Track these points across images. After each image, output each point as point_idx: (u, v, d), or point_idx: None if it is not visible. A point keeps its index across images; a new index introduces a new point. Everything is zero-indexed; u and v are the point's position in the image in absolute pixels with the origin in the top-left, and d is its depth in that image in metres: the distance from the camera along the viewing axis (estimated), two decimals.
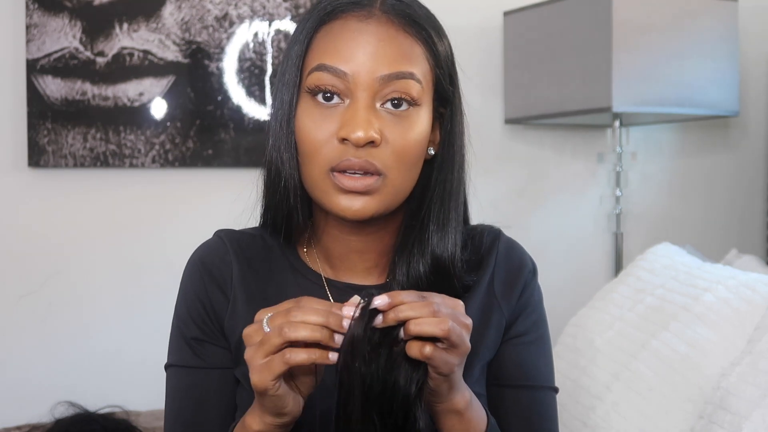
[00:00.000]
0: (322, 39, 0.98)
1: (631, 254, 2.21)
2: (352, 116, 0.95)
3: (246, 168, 2.07)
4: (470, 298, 1.06)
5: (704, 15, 2.08)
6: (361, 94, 0.96)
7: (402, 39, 0.98)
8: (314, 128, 0.97)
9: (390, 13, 0.98)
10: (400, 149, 0.97)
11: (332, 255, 1.07)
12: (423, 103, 0.99)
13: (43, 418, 1.87)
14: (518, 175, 2.34)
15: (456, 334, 0.84)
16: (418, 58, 0.98)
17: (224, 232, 1.11)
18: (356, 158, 0.95)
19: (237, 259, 1.07)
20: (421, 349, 0.83)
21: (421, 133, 0.99)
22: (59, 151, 1.97)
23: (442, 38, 1.02)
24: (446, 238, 1.03)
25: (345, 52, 0.96)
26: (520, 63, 2.22)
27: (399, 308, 0.84)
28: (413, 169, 1.00)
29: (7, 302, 1.98)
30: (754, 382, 1.31)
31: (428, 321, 0.83)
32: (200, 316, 1.06)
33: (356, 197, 0.97)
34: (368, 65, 0.96)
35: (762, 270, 1.76)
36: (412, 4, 1.01)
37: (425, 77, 0.99)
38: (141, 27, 2.01)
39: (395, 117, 0.97)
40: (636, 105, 2.00)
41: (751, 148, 2.53)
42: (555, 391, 1.11)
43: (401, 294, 0.85)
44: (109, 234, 2.04)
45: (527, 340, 1.09)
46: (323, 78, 0.96)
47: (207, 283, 1.06)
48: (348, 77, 0.96)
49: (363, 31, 0.97)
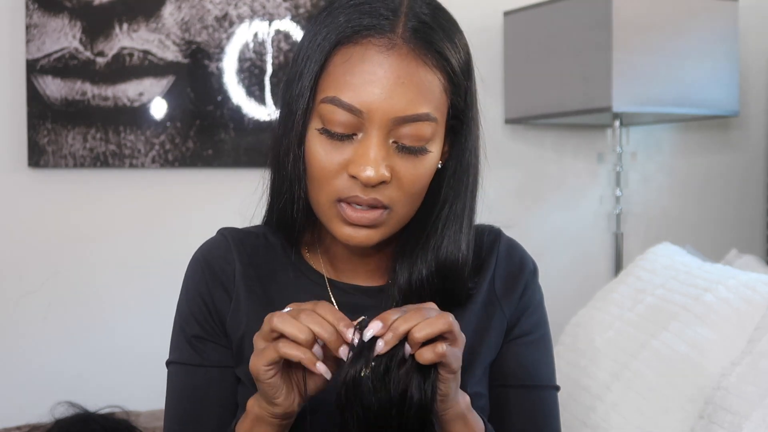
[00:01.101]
0: (339, 65, 0.94)
1: (631, 254, 2.21)
2: (363, 154, 0.92)
3: (246, 168, 2.07)
4: (471, 301, 1.06)
5: (704, 15, 2.08)
6: (374, 132, 0.93)
7: (422, 74, 0.93)
8: (324, 158, 0.95)
9: (411, 41, 0.93)
10: (409, 185, 0.96)
11: (335, 257, 1.07)
12: (435, 137, 0.97)
13: (43, 418, 1.87)
14: (518, 175, 2.35)
15: (455, 324, 0.86)
16: (434, 93, 0.95)
17: (227, 230, 1.11)
18: (364, 195, 0.94)
19: (239, 257, 1.07)
20: (435, 350, 0.84)
21: (431, 167, 0.98)
22: (59, 152, 1.97)
23: (460, 51, 0.98)
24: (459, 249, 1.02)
25: (361, 88, 0.92)
26: (520, 63, 2.22)
27: (393, 326, 0.84)
28: (419, 198, 0.99)
29: (7, 302, 1.98)
30: (754, 382, 1.31)
31: (429, 322, 0.84)
32: (202, 314, 1.06)
33: (360, 229, 0.96)
34: (384, 105, 0.92)
35: (762, 270, 1.76)
36: (434, 24, 0.96)
37: (440, 110, 0.96)
38: (141, 27, 2.01)
39: (406, 154, 0.95)
40: (636, 105, 2.00)
41: (751, 148, 2.53)
42: (557, 390, 1.11)
43: (388, 314, 0.86)
44: (109, 234, 2.04)
45: (529, 340, 1.09)
46: (336, 113, 0.93)
47: (209, 281, 1.06)
48: (363, 115, 0.92)
49: (382, 65, 0.92)
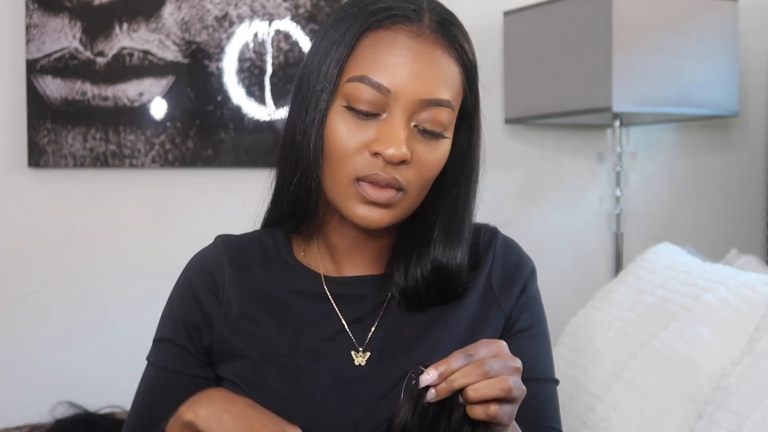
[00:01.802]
0: (369, 47, 0.97)
1: (631, 254, 2.21)
2: (388, 132, 0.96)
3: (246, 168, 2.07)
4: (467, 296, 1.07)
5: (704, 15, 2.08)
6: (399, 112, 0.96)
7: (446, 62, 0.98)
8: (346, 136, 0.97)
9: (438, 31, 0.99)
10: (425, 170, 0.99)
11: (335, 249, 1.08)
12: (450, 126, 1.01)
13: (43, 418, 1.87)
14: (518, 175, 2.35)
15: (516, 388, 0.83)
16: (455, 83, 1.00)
17: (221, 238, 1.13)
18: (384, 173, 0.96)
19: (230, 263, 1.08)
20: (486, 411, 0.82)
21: (445, 154, 1.01)
22: (59, 151, 1.97)
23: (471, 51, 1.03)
24: (454, 248, 1.04)
25: (391, 68, 0.96)
26: (520, 63, 2.22)
27: (451, 378, 0.82)
28: (430, 184, 1.02)
29: (7, 302, 1.98)
30: (754, 382, 1.31)
31: (486, 384, 0.82)
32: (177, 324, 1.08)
33: (375, 208, 0.98)
34: (412, 86, 0.96)
35: (762, 270, 1.76)
36: (454, 22, 1.02)
37: (456, 100, 1.01)
38: (141, 27, 2.01)
39: (426, 138, 0.98)
40: (636, 105, 2.00)
41: (751, 148, 2.53)
42: (556, 384, 1.13)
43: (448, 361, 0.83)
44: (109, 234, 2.04)
45: (530, 334, 1.10)
46: (363, 91, 0.96)
47: (197, 289, 1.08)
48: (390, 94, 0.96)
49: (412, 49, 0.96)
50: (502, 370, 0.83)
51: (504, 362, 0.84)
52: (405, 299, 1.05)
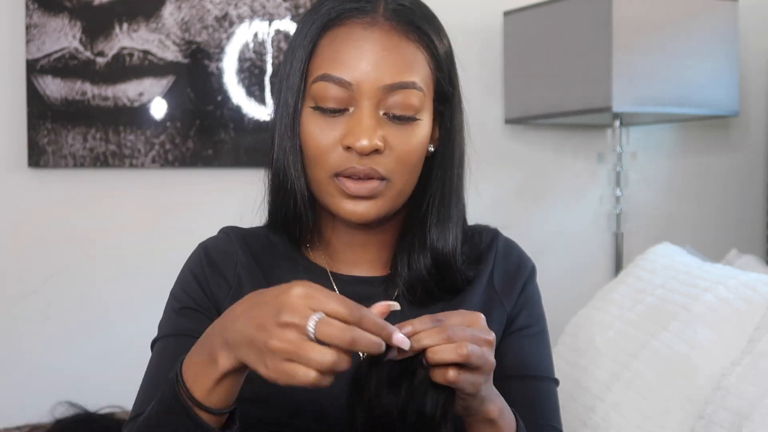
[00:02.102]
0: (326, 46, 1.00)
1: (631, 254, 2.21)
2: (357, 124, 0.98)
3: (246, 168, 2.07)
4: (470, 294, 1.08)
5: (704, 15, 2.08)
6: (365, 103, 0.98)
7: (405, 46, 1.00)
8: (319, 135, 1.00)
9: (392, 19, 1.00)
10: (403, 155, 1.00)
11: (336, 250, 1.09)
12: (424, 109, 1.02)
13: (43, 418, 1.87)
14: (518, 175, 2.34)
15: (476, 356, 0.83)
16: (419, 65, 1.01)
17: (230, 229, 1.13)
18: (360, 166, 0.98)
19: (243, 252, 1.09)
20: (445, 375, 0.83)
21: (423, 138, 1.02)
22: (59, 151, 1.97)
23: (442, 39, 1.04)
24: (447, 232, 1.06)
25: (349, 62, 0.98)
26: (520, 63, 2.22)
27: (414, 338, 0.83)
28: (415, 171, 1.03)
29: (7, 302, 1.98)
30: (754, 382, 1.31)
31: (446, 348, 0.82)
32: (195, 291, 1.07)
33: (360, 201, 1.00)
34: (372, 75, 0.98)
35: (762, 270, 1.76)
36: (414, 7, 1.03)
37: (426, 82, 1.02)
38: (141, 27, 2.01)
39: (398, 124, 1.00)
40: (636, 105, 2.00)
41: (751, 148, 2.53)
42: (556, 383, 1.13)
43: (413, 322, 0.84)
44: (109, 234, 2.04)
45: (530, 332, 1.11)
46: (328, 89, 0.98)
47: (206, 267, 1.07)
48: (352, 87, 0.98)
49: (367, 39, 0.99)
50: (467, 338, 0.83)
51: (473, 332, 0.84)
52: (411, 293, 1.06)
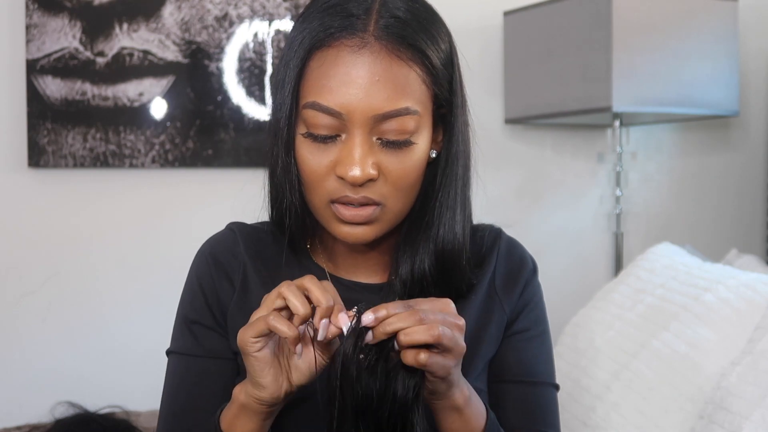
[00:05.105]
0: (315, 70, 0.95)
1: (631, 254, 2.21)
2: (348, 154, 0.94)
3: (246, 168, 2.07)
4: (473, 295, 1.07)
5: (704, 15, 2.08)
6: (357, 131, 0.94)
7: (396, 69, 0.93)
8: (312, 161, 0.96)
9: (383, 38, 0.93)
10: (399, 180, 0.97)
11: (336, 255, 1.08)
12: (421, 128, 0.97)
13: (43, 418, 1.87)
14: (518, 175, 2.35)
15: (447, 337, 0.84)
16: (413, 86, 0.95)
17: (236, 225, 1.12)
18: (354, 194, 0.95)
19: (247, 251, 1.08)
20: (416, 357, 0.84)
21: (420, 158, 0.98)
22: (59, 152, 1.97)
23: (440, 45, 0.98)
24: (454, 236, 1.03)
25: (338, 90, 0.93)
26: (520, 63, 2.22)
27: (386, 321, 0.84)
28: (412, 192, 1.00)
29: (7, 302, 1.98)
30: (754, 382, 1.31)
31: (417, 329, 0.83)
32: (203, 304, 1.07)
33: (357, 226, 0.98)
34: (363, 104, 0.92)
35: (762, 270, 1.76)
36: (408, 17, 0.96)
37: (422, 100, 0.96)
38: (141, 27, 2.01)
39: (392, 149, 0.96)
40: (636, 105, 2.00)
41: (751, 148, 2.53)
42: (556, 388, 1.12)
43: (387, 306, 0.85)
44: (109, 234, 2.04)
45: (529, 336, 1.10)
46: (317, 117, 0.94)
47: (213, 272, 1.07)
48: (343, 116, 0.93)
49: (356, 65, 0.92)
50: (438, 321, 0.85)
51: (444, 316, 0.86)
52: (411, 295, 1.04)
